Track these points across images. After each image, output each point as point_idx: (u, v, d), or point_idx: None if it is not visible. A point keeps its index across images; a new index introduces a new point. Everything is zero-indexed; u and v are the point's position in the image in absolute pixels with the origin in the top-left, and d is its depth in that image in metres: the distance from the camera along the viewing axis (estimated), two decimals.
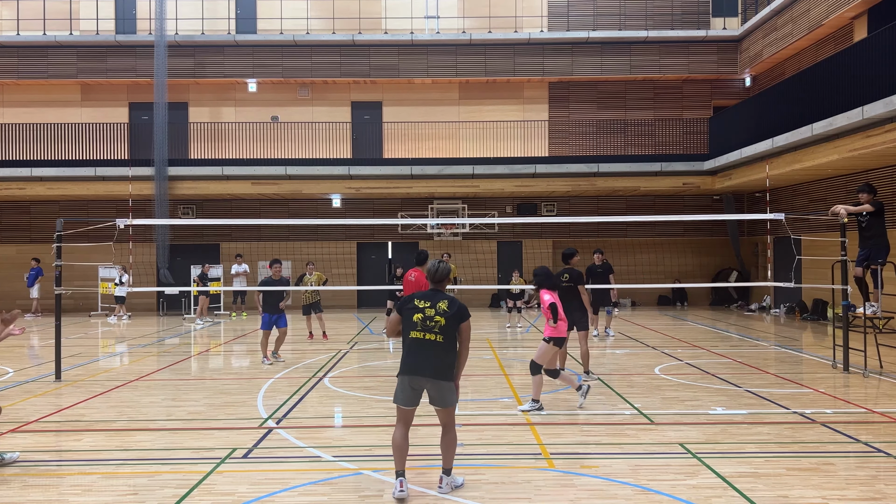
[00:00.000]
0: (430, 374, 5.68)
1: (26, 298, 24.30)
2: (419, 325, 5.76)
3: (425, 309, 5.78)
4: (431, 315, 5.75)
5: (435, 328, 5.73)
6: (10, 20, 24.84)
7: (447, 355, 5.74)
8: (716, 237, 24.83)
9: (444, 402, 5.76)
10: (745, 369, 11.52)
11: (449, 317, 5.76)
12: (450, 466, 5.84)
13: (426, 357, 5.70)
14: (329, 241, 24.60)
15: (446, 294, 5.95)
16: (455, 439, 5.89)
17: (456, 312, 5.79)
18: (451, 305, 5.81)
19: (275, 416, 8.52)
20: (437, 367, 5.69)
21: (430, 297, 5.87)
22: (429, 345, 5.72)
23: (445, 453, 5.83)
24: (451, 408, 5.80)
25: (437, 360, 5.70)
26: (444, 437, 5.84)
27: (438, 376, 5.69)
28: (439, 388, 5.71)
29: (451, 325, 5.76)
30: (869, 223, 10.84)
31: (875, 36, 14.28)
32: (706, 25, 24.86)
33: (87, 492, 5.91)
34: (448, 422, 5.82)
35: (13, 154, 23.33)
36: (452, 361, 5.79)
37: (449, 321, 5.75)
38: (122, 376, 11.46)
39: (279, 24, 24.77)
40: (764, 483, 5.93)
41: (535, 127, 24.63)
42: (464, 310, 5.85)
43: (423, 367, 5.69)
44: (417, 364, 5.71)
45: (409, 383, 5.74)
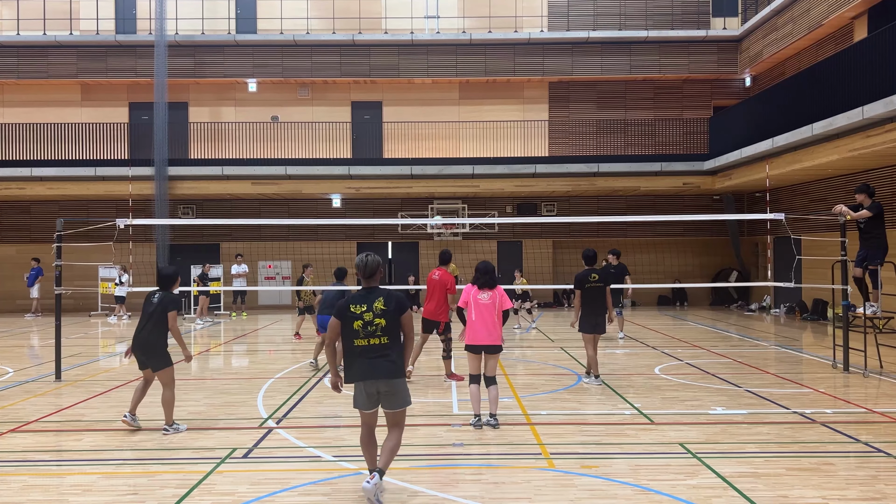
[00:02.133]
0: (384, 375, 5.55)
1: (26, 298, 24.31)
2: (360, 332, 5.56)
3: (363, 314, 5.57)
4: (370, 319, 5.56)
5: (377, 332, 5.56)
6: (10, 20, 24.84)
7: (395, 354, 5.61)
8: (716, 237, 24.83)
9: (397, 402, 5.62)
10: (745, 369, 11.51)
11: (388, 315, 5.59)
12: (386, 468, 5.64)
13: (376, 361, 5.55)
14: (329, 241, 24.59)
15: (381, 290, 5.73)
16: (398, 445, 5.71)
17: (394, 308, 5.62)
18: (388, 301, 5.63)
19: (275, 416, 8.52)
20: (388, 368, 5.56)
21: (365, 299, 5.64)
22: (375, 349, 5.56)
23: (386, 455, 5.64)
24: (404, 408, 5.68)
25: (387, 362, 5.56)
26: (388, 440, 5.67)
27: (391, 375, 5.58)
28: (393, 387, 5.58)
29: (391, 322, 5.60)
30: (868, 224, 10.84)
31: (875, 36, 14.28)
32: (706, 25, 24.86)
33: (87, 492, 5.91)
34: (401, 422, 5.72)
35: (13, 154, 23.33)
36: (401, 359, 5.67)
37: (389, 320, 5.59)
38: (123, 376, 11.46)
39: (279, 23, 24.76)
40: (764, 483, 5.94)
41: (535, 127, 24.63)
42: (402, 301, 5.69)
43: (375, 371, 5.54)
44: (369, 369, 5.55)
45: (364, 388, 5.59)
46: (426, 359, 12.13)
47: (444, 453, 6.89)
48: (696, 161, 22.71)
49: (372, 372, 5.54)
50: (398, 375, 5.63)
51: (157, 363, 7.77)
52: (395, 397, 5.62)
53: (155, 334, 7.74)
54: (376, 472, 5.54)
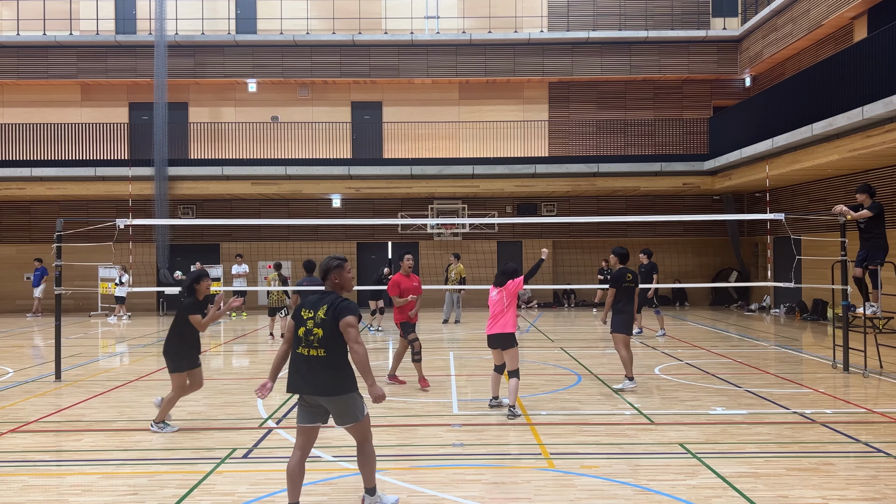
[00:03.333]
0: (320, 391, 5.06)
1: (27, 298, 24.34)
2: (302, 339, 5.12)
3: (307, 321, 5.13)
4: (311, 328, 5.10)
5: (314, 342, 5.08)
6: (10, 20, 24.84)
7: (334, 370, 5.07)
8: (716, 237, 24.83)
9: (345, 419, 5.16)
10: (745, 369, 11.51)
11: (327, 325, 5.07)
12: (371, 485, 5.37)
13: (311, 375, 5.07)
14: (329, 241, 24.60)
15: (332, 296, 5.21)
16: (372, 456, 5.34)
17: (332, 317, 5.08)
18: (329, 310, 5.10)
19: (275, 417, 8.52)
20: (324, 384, 5.06)
21: (314, 305, 5.17)
22: (312, 361, 5.07)
23: (363, 471, 5.35)
24: (356, 424, 5.20)
25: (323, 377, 5.06)
26: (359, 454, 5.33)
27: (329, 393, 5.07)
28: (335, 404, 5.11)
29: (330, 333, 5.06)
30: (868, 224, 10.84)
31: (875, 36, 14.28)
32: (706, 25, 24.86)
33: (86, 492, 5.91)
34: (360, 438, 5.30)
35: (13, 154, 23.33)
36: (344, 373, 5.11)
37: (327, 331, 5.06)
38: (122, 376, 11.46)
39: (279, 24, 24.77)
40: (764, 483, 5.93)
41: (535, 127, 24.63)
42: (343, 308, 5.10)
43: (310, 385, 5.07)
44: (304, 382, 5.09)
45: (305, 401, 5.17)
46: (428, 358, 12.13)
47: (444, 453, 6.89)
48: (696, 161, 22.71)
49: (307, 386, 5.08)
50: (341, 392, 5.07)
51: (170, 365, 7.89)
52: (341, 415, 5.14)
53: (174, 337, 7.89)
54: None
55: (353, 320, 5.08)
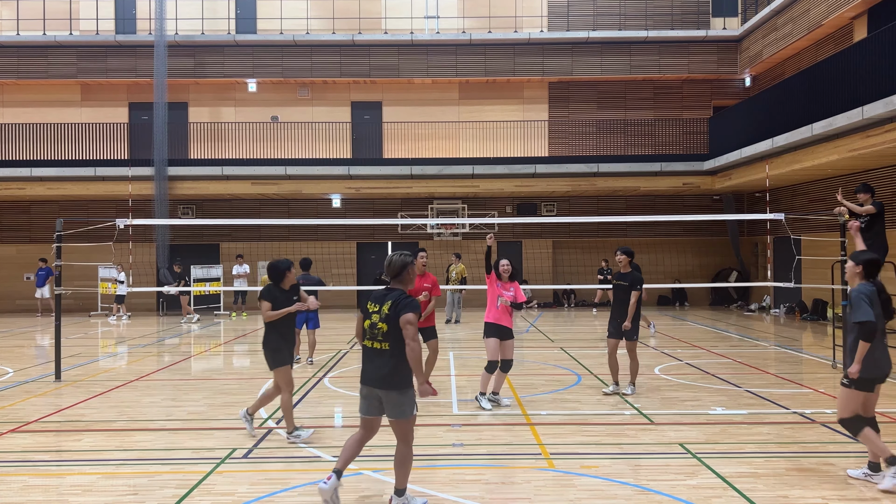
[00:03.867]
0: (377, 384, 5.32)
1: (27, 298, 24.36)
2: (368, 332, 5.41)
3: (373, 314, 5.38)
4: (376, 321, 5.34)
5: (378, 336, 5.33)
6: (10, 20, 24.84)
7: (394, 363, 5.27)
8: (716, 237, 24.83)
9: (392, 413, 5.33)
10: (744, 369, 11.52)
11: (391, 320, 5.27)
12: (402, 486, 5.35)
13: (374, 366, 5.34)
14: (329, 241, 24.60)
15: (397, 293, 5.40)
16: (408, 457, 5.35)
17: (395, 313, 5.27)
18: (393, 306, 5.29)
19: (275, 416, 8.51)
20: (383, 376, 5.28)
21: (380, 300, 5.40)
22: (375, 353, 5.35)
23: (397, 471, 5.36)
24: (402, 420, 5.33)
25: (383, 370, 5.28)
26: (397, 453, 5.38)
27: (385, 386, 5.29)
28: (388, 398, 5.31)
29: (393, 328, 5.26)
30: (868, 224, 10.84)
31: (875, 36, 14.29)
32: (706, 25, 24.86)
33: (87, 492, 5.91)
34: (401, 435, 5.36)
35: (13, 154, 23.33)
36: (405, 368, 5.29)
37: (391, 325, 5.27)
38: (122, 376, 11.46)
39: (279, 24, 24.77)
40: (764, 483, 5.94)
41: (535, 127, 24.63)
42: (404, 305, 5.27)
43: (371, 377, 5.35)
44: (367, 373, 5.40)
45: (364, 392, 5.46)
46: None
47: (444, 453, 6.89)
48: (696, 161, 22.72)
49: (369, 378, 5.37)
50: (394, 388, 5.29)
51: (274, 361, 7.36)
52: (391, 407, 5.33)
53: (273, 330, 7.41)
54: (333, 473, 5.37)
55: (413, 318, 5.25)
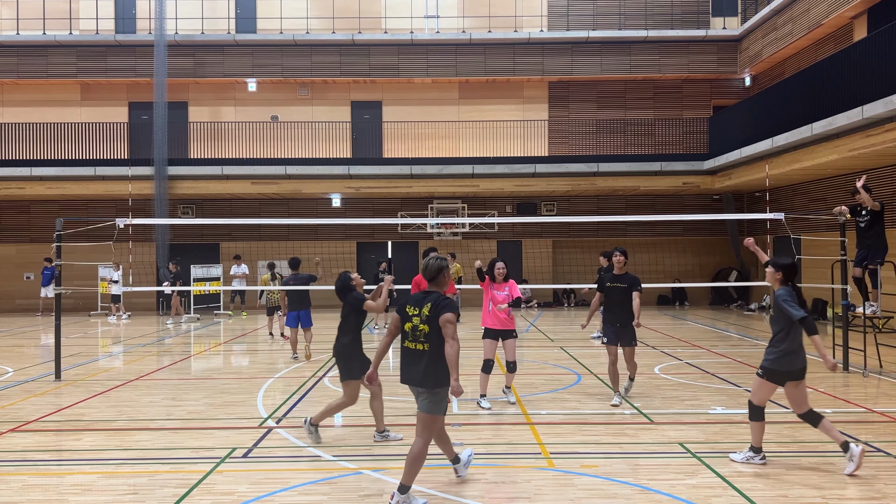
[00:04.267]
0: (418, 382, 5.53)
1: (26, 298, 24.36)
2: (409, 334, 5.59)
3: (413, 317, 5.58)
4: (417, 324, 5.55)
5: (420, 337, 5.53)
6: (10, 20, 24.83)
7: (432, 363, 5.49)
8: (715, 237, 24.84)
9: (422, 406, 5.57)
10: (744, 369, 11.51)
11: (431, 321, 5.49)
12: (408, 483, 5.39)
13: (416, 366, 5.55)
14: (329, 241, 24.60)
15: (435, 295, 5.61)
16: (421, 455, 5.46)
17: (434, 314, 5.48)
18: (433, 308, 5.50)
19: (275, 416, 8.52)
20: (424, 376, 5.51)
21: (419, 303, 5.60)
22: (416, 354, 5.55)
23: (407, 466, 5.43)
24: (429, 415, 5.53)
25: (421, 369, 5.51)
26: (413, 446, 5.51)
27: (423, 384, 5.52)
28: (428, 394, 5.54)
29: (434, 329, 5.49)
30: (868, 223, 10.85)
31: (875, 35, 14.29)
32: (706, 25, 24.87)
33: (86, 491, 5.91)
34: (421, 429, 5.55)
35: (13, 154, 23.33)
36: (439, 369, 5.50)
37: (432, 327, 5.49)
38: (122, 376, 11.46)
39: (279, 23, 24.76)
40: (763, 483, 5.94)
41: (535, 126, 24.63)
42: (443, 306, 5.50)
43: (414, 377, 5.57)
44: (409, 373, 5.60)
45: (410, 390, 5.72)
46: None
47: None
48: (696, 161, 22.72)
49: (411, 378, 5.59)
50: (436, 385, 5.51)
51: (345, 372, 7.30)
52: (423, 401, 5.57)
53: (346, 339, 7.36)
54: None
55: (452, 317, 5.47)
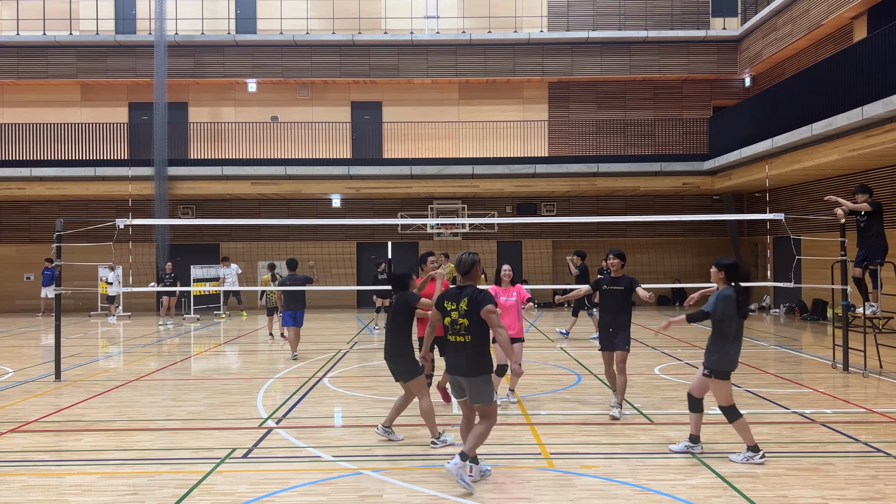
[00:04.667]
0: (462, 372, 5.92)
1: (27, 298, 24.36)
2: (450, 328, 5.98)
3: (451, 312, 5.95)
4: (456, 318, 5.92)
5: (461, 330, 5.90)
6: (10, 20, 24.84)
7: (476, 353, 5.89)
8: (716, 237, 24.83)
9: (475, 399, 5.98)
10: (744, 369, 11.51)
11: (471, 315, 5.85)
12: (472, 454, 5.95)
13: (458, 358, 5.95)
14: (329, 241, 24.62)
15: (470, 289, 5.96)
16: (486, 432, 5.99)
17: (474, 308, 5.84)
18: (471, 302, 5.87)
19: (274, 416, 8.51)
20: (466, 366, 5.89)
21: (455, 298, 5.96)
22: (458, 346, 5.94)
23: (472, 439, 5.94)
24: (484, 405, 5.96)
25: (466, 360, 5.89)
26: (476, 426, 6.01)
27: (469, 374, 5.89)
28: (471, 386, 5.94)
29: (474, 322, 5.85)
30: (867, 223, 10.85)
31: (875, 36, 14.29)
32: (706, 25, 24.86)
33: (86, 492, 5.91)
34: (483, 415, 6.02)
35: (13, 154, 23.33)
36: (484, 357, 5.91)
37: (472, 320, 5.85)
38: (122, 376, 11.46)
39: (279, 24, 24.76)
40: (763, 483, 5.94)
41: (535, 127, 24.63)
42: (481, 299, 5.85)
43: (457, 367, 5.96)
44: (452, 364, 6.02)
45: (451, 380, 6.10)
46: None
47: (445, 453, 6.89)
48: (696, 161, 22.71)
49: (454, 368, 5.99)
50: (478, 373, 5.87)
51: (405, 372, 7.12)
52: (474, 393, 5.94)
53: (399, 340, 7.12)
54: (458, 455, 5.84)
55: (492, 307, 5.82)
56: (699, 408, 6.80)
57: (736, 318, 6.51)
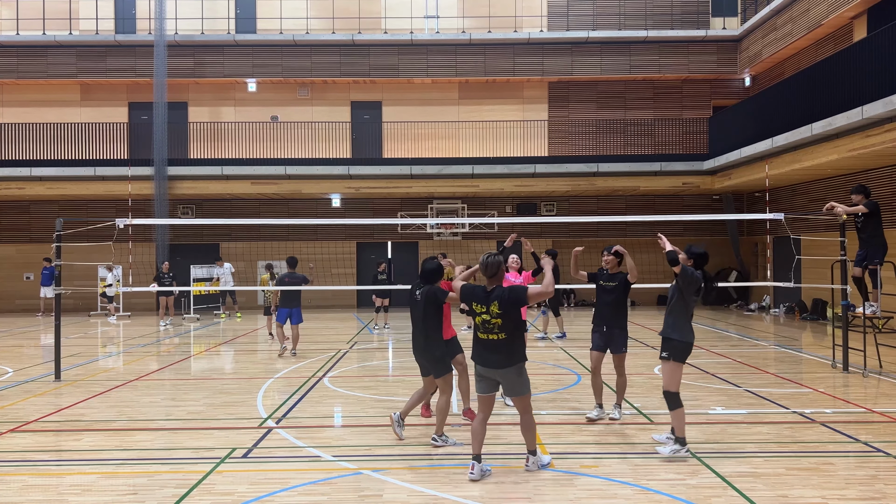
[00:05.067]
0: (497, 365, 6.10)
1: (27, 298, 24.35)
2: (481, 327, 6.16)
3: (482, 314, 6.13)
4: (488, 319, 6.09)
5: (494, 329, 6.08)
6: (10, 20, 24.83)
7: (511, 346, 6.10)
8: (715, 237, 24.82)
9: (511, 391, 6.21)
10: (744, 369, 11.51)
11: (505, 314, 6.04)
12: (532, 448, 6.28)
13: (493, 354, 6.12)
14: (329, 241, 24.61)
15: (499, 291, 6.10)
16: (531, 423, 6.24)
17: (509, 308, 6.02)
18: (502, 304, 6.04)
19: (274, 416, 8.51)
20: (502, 359, 6.09)
21: (485, 300, 6.12)
22: (492, 344, 6.12)
23: (525, 436, 6.27)
24: (521, 397, 6.19)
25: (501, 354, 6.09)
26: (522, 423, 6.27)
27: (505, 365, 6.09)
28: (507, 378, 6.14)
29: (508, 318, 6.04)
30: (865, 224, 10.85)
31: (874, 36, 14.29)
32: (706, 25, 24.86)
33: (86, 492, 5.91)
34: (522, 409, 6.23)
35: (13, 154, 23.33)
36: (518, 350, 6.13)
37: (505, 319, 6.04)
38: (122, 376, 11.46)
39: (279, 23, 24.76)
40: (764, 483, 5.94)
41: (535, 127, 24.63)
42: (515, 295, 6.04)
43: (491, 362, 6.13)
44: (485, 359, 6.17)
45: (482, 373, 6.23)
46: None
47: (444, 453, 6.89)
48: (696, 161, 22.72)
49: (486, 362, 6.16)
50: (509, 364, 6.09)
51: (437, 369, 7.12)
52: (511, 385, 6.17)
53: (431, 336, 7.09)
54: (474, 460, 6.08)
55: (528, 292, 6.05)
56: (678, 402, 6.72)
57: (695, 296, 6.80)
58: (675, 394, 6.69)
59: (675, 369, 6.72)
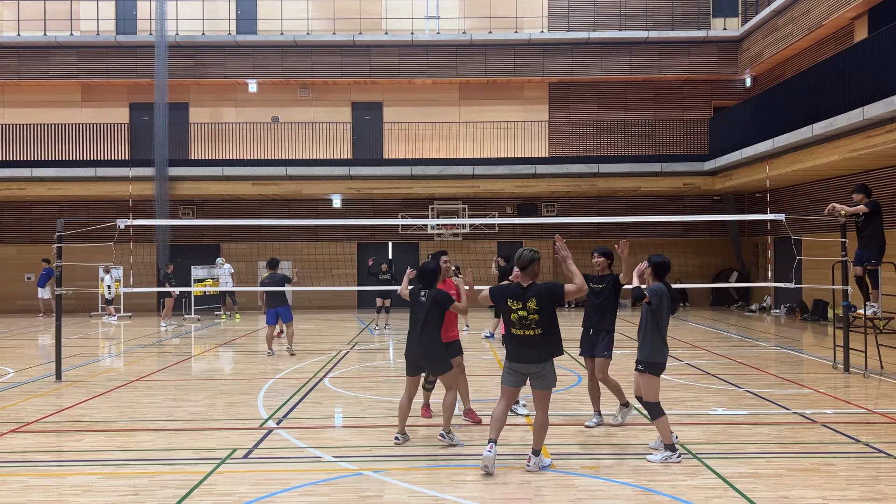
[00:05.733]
0: (535, 360, 6.19)
1: (27, 298, 24.37)
2: (517, 323, 6.21)
3: (518, 310, 6.19)
4: (525, 315, 6.17)
5: (531, 325, 6.17)
6: (11, 21, 24.85)
7: (549, 341, 6.21)
8: (716, 238, 24.83)
9: (540, 385, 6.24)
10: (745, 370, 11.51)
11: (542, 311, 6.14)
12: (537, 447, 6.28)
13: (530, 349, 6.20)
14: (329, 242, 24.61)
15: (535, 288, 6.18)
16: (546, 423, 6.29)
17: (545, 304, 6.14)
18: (539, 300, 6.14)
19: (275, 417, 8.52)
20: (540, 354, 6.19)
21: (521, 297, 6.20)
22: (529, 340, 6.20)
23: (536, 434, 6.27)
24: (546, 391, 6.26)
25: (540, 350, 6.19)
26: (536, 420, 6.31)
27: (542, 359, 6.20)
28: (544, 370, 6.22)
29: (544, 314, 6.15)
30: (865, 223, 10.85)
31: (875, 36, 14.29)
32: (706, 26, 24.86)
33: (87, 492, 5.91)
34: (541, 404, 6.29)
35: (14, 154, 23.34)
36: (554, 344, 6.24)
37: (542, 315, 6.14)
38: (123, 376, 11.46)
39: (279, 24, 24.77)
40: (764, 483, 5.93)
41: (536, 127, 24.63)
42: (551, 291, 6.18)
43: (528, 357, 6.21)
44: (521, 355, 6.24)
45: (516, 368, 6.28)
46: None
47: (444, 453, 6.89)
48: (697, 161, 22.72)
49: (525, 358, 6.22)
50: (547, 358, 6.21)
51: (439, 369, 7.16)
52: (542, 380, 6.23)
53: (433, 338, 7.11)
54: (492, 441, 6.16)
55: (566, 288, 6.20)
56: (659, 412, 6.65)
57: (667, 313, 6.73)
58: (656, 403, 6.69)
59: (652, 381, 6.72)
